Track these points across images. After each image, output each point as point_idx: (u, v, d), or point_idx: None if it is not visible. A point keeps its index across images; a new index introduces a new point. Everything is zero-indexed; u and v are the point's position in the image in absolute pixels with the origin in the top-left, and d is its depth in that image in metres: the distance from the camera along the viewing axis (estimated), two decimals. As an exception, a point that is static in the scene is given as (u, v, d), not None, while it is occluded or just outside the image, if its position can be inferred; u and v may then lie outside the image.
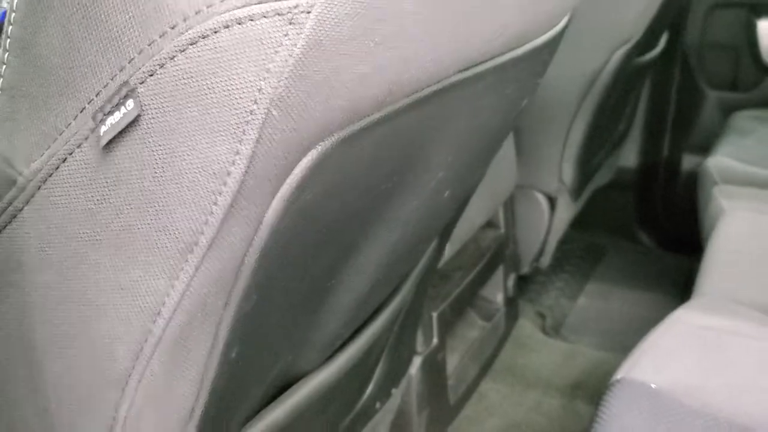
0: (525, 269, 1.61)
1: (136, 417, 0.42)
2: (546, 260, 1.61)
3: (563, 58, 1.41)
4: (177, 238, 0.37)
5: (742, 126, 1.69)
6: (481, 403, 1.35)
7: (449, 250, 1.20)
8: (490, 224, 1.50)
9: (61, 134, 0.37)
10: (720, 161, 1.43)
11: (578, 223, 2.09)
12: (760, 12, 1.92)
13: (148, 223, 0.37)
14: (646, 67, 1.65)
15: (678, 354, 0.90)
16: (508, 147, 1.42)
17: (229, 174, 0.35)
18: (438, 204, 0.62)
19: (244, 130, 0.35)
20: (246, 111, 0.34)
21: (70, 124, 0.37)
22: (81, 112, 0.36)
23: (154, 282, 0.38)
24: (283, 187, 0.39)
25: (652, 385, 0.85)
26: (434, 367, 1.24)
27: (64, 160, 0.37)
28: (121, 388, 0.41)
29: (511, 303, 1.56)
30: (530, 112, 1.47)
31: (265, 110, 0.34)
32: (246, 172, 0.36)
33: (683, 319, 0.95)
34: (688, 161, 2.05)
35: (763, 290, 1.04)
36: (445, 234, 0.92)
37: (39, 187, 0.39)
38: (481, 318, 1.48)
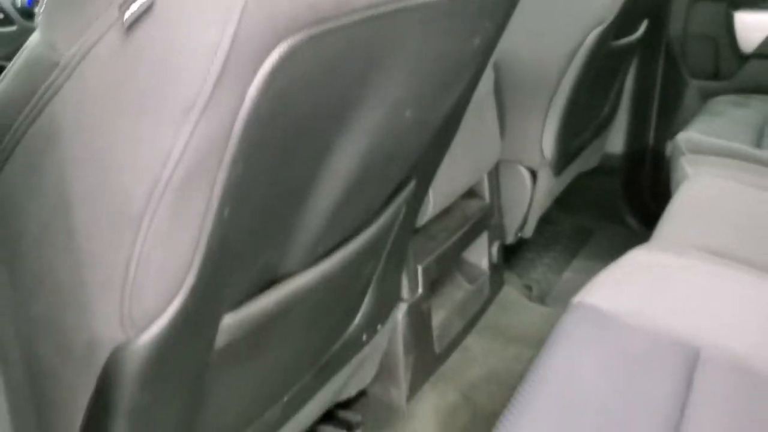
0: (509, 239, 1.72)
1: (147, 255, 0.54)
2: (529, 230, 1.72)
3: (541, 37, 1.54)
4: (180, 101, 0.49)
5: (715, 108, 1.80)
6: (464, 355, 1.46)
7: (434, 208, 1.32)
8: (475, 195, 1.61)
9: (92, 24, 0.50)
10: (689, 135, 1.54)
11: (567, 207, 2.21)
12: (737, 4, 2.04)
13: (159, 90, 0.49)
14: (623, 51, 1.77)
15: (628, 284, 1.01)
16: (491, 120, 1.53)
17: (218, 48, 0.47)
18: (401, 123, 0.74)
19: (228, 16, 0.47)
20: (229, 1, 0.46)
21: (100, 15, 0.49)
22: (110, 5, 0.49)
23: (162, 138, 0.50)
24: (261, 69, 0.50)
25: (603, 308, 0.96)
26: (419, 316, 1.35)
27: (96, 43, 0.50)
28: (136, 228, 0.53)
29: (495, 269, 1.67)
30: (513, 88, 1.59)
31: (243, 1, 0.46)
32: (230, 49, 0.47)
33: (636, 257, 1.06)
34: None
35: (713, 237, 1.14)
36: (423, 176, 1.03)
37: (76, 67, 0.51)
38: (466, 281, 1.59)
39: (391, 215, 0.97)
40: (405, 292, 1.31)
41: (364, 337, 1.15)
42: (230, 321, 0.71)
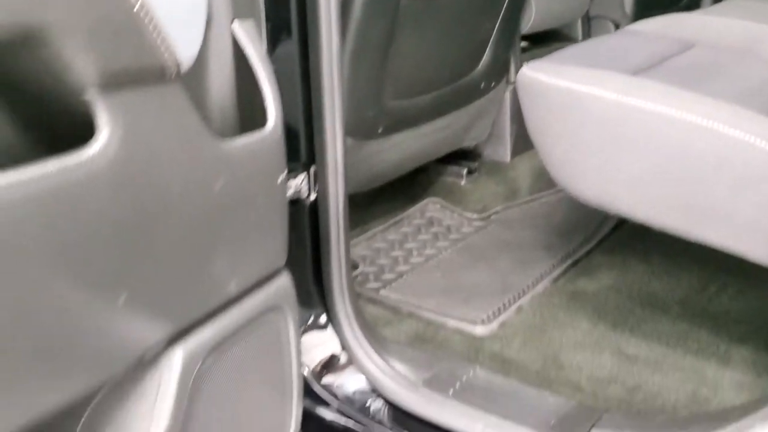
0: (597, 80, 2.22)
1: None
2: (613, 73, 2.22)
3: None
4: None
5: None
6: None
7: (534, 20, 1.86)
8: (571, 39, 2.14)
9: None
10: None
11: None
12: None
13: None
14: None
15: (661, 21, 1.52)
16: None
17: None
18: None
19: None
20: None
21: None
22: None
23: None
24: None
25: (639, 29, 1.48)
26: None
27: None
28: None
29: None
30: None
31: None
32: None
33: (669, 16, 1.57)
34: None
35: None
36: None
37: None
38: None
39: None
40: (512, 76, 1.86)
41: (483, 85, 1.71)
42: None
